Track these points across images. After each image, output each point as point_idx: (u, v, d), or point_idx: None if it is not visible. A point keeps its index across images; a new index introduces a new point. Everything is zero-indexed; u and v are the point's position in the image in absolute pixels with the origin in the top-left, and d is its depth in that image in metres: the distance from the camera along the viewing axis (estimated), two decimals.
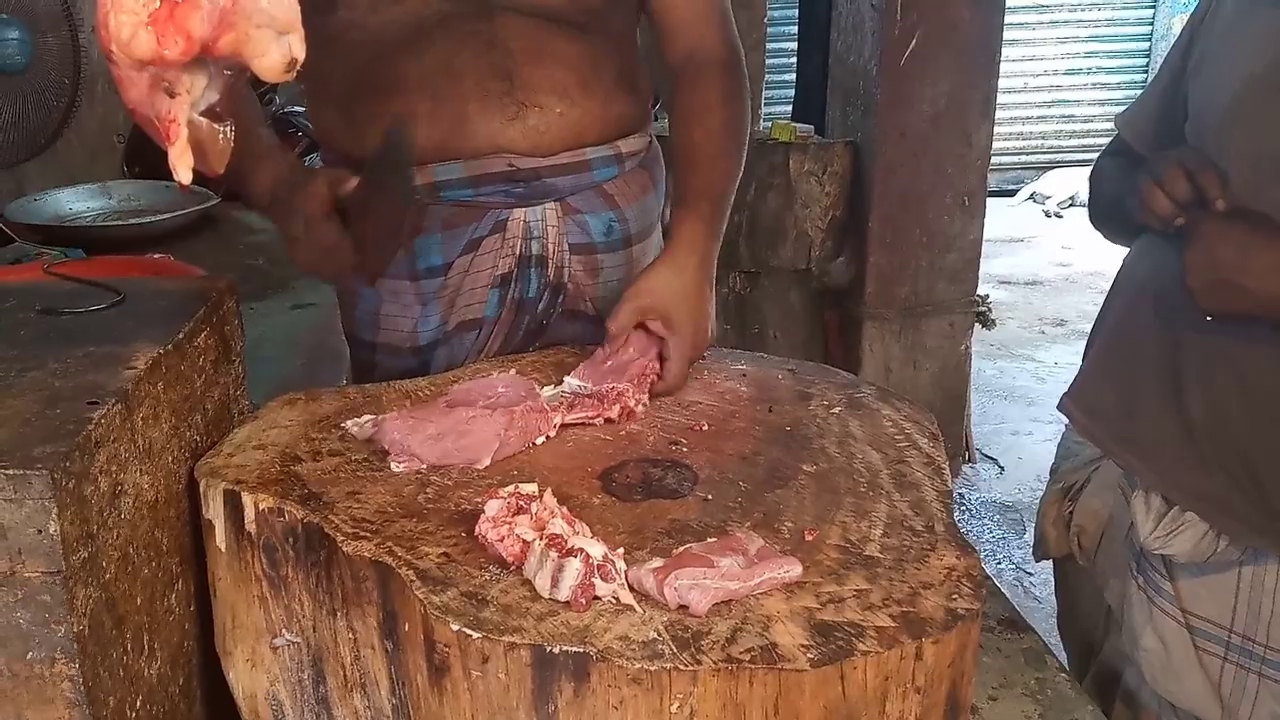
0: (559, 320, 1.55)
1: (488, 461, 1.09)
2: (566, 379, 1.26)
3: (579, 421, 1.19)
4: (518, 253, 1.47)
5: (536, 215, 1.46)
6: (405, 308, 1.50)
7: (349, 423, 1.13)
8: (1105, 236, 1.64)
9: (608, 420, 1.20)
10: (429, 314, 1.49)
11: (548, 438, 1.16)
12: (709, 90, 1.47)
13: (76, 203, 2.69)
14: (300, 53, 0.66)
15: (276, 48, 0.65)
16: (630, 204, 1.53)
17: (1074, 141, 8.83)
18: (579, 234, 1.50)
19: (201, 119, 0.69)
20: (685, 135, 1.47)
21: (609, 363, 1.28)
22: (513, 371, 1.31)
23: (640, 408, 1.22)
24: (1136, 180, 1.35)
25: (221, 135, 0.69)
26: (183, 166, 0.69)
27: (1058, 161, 8.71)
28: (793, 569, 0.90)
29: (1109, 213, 1.60)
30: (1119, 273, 1.59)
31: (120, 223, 2.56)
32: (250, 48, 0.65)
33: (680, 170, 1.46)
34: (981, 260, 3.92)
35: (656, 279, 1.35)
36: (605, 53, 1.47)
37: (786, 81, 5.29)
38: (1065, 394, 1.61)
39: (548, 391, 1.24)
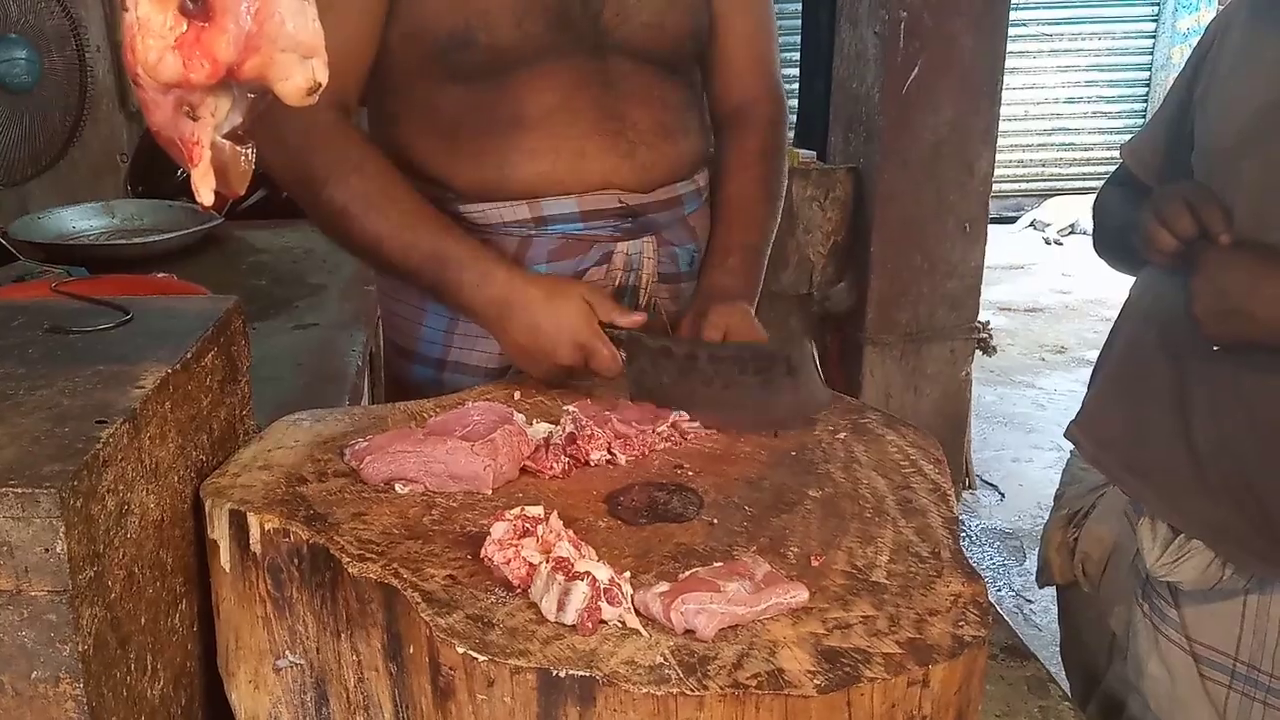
0: None
1: (488, 492, 1.08)
2: (566, 408, 1.20)
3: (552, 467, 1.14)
4: (618, 283, 1.51)
5: (637, 248, 1.51)
6: None
7: (346, 452, 1.12)
8: (1110, 265, 1.65)
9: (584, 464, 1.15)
10: None
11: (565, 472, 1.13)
12: (755, 143, 1.56)
13: (80, 221, 2.69)
14: (323, 77, 0.67)
15: (301, 71, 0.66)
16: (704, 235, 1.59)
17: (1074, 169, 8.88)
18: (669, 265, 1.56)
19: (224, 141, 0.70)
20: (732, 187, 1.55)
21: (613, 413, 1.23)
22: (516, 395, 1.31)
23: (599, 458, 1.15)
24: (1140, 216, 1.36)
25: (243, 157, 0.69)
26: (205, 188, 0.69)
27: (1058, 189, 8.76)
28: (799, 594, 0.90)
29: (1113, 243, 1.60)
30: (1126, 301, 1.59)
31: (123, 241, 2.56)
32: (275, 71, 0.66)
33: (724, 223, 1.54)
34: (982, 287, 3.93)
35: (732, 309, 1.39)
36: (694, 95, 1.57)
37: (789, 107, 5.33)
38: (1072, 421, 1.61)
39: (541, 428, 1.19)
